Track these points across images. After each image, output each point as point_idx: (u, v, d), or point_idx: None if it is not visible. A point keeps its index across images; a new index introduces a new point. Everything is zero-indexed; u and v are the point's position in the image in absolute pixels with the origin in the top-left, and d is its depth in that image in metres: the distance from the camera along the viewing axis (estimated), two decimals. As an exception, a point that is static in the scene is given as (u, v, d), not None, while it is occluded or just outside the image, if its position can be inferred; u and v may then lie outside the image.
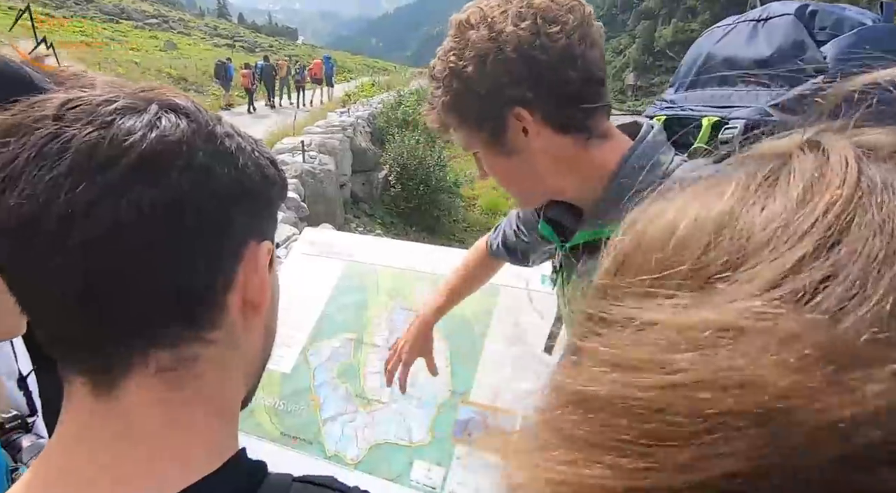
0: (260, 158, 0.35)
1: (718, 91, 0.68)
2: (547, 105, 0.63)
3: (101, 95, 0.31)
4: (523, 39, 0.60)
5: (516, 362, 1.23)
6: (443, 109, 0.67)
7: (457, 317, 1.34)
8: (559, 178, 0.68)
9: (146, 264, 0.29)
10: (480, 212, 11.51)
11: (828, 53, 0.58)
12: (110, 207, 0.27)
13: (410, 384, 1.26)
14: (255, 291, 0.35)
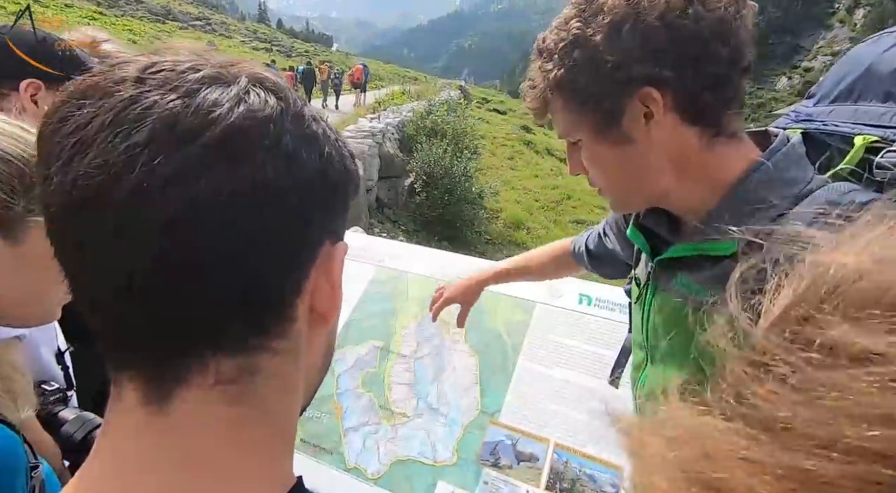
0: (343, 148, 0.31)
1: (879, 107, 0.60)
2: (685, 87, 0.55)
3: (186, 61, 0.28)
4: (673, 5, 0.52)
5: (549, 385, 1.16)
6: (552, 84, 0.60)
7: (489, 330, 1.29)
8: (670, 178, 0.60)
9: (218, 253, 0.25)
10: (503, 225, 11.44)
11: None
12: (188, 186, 0.24)
13: (437, 399, 1.21)
14: (325, 298, 0.31)
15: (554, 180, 14.42)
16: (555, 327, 1.26)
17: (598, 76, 0.56)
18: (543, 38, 0.62)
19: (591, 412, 1.09)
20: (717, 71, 0.54)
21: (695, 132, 0.58)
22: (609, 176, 0.64)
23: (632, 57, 0.54)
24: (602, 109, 0.58)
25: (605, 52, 0.55)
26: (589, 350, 1.19)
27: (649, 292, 0.70)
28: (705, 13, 0.52)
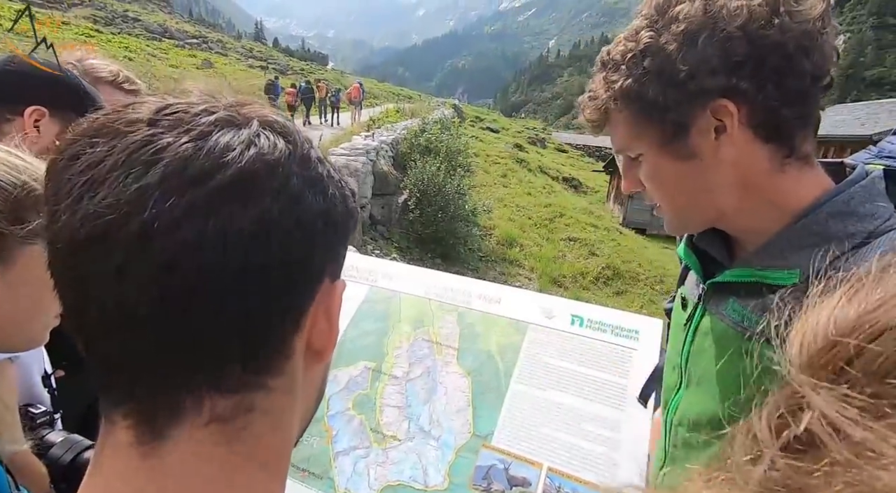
0: (345, 188, 0.32)
1: None
2: (763, 100, 0.51)
3: (198, 103, 0.28)
4: (757, 15, 0.49)
5: (542, 407, 1.16)
6: (617, 94, 0.56)
7: (482, 351, 1.29)
8: (732, 198, 0.57)
9: (221, 290, 0.26)
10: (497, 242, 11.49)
11: None
12: (196, 226, 0.25)
13: (429, 422, 1.20)
14: (322, 335, 0.31)
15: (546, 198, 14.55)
16: (547, 348, 1.26)
17: (669, 86, 0.53)
18: (608, 51, 0.59)
19: (585, 435, 1.09)
20: (799, 86, 0.51)
21: (767, 151, 0.55)
22: (668, 193, 0.61)
23: (707, 67, 0.51)
24: (669, 120, 0.55)
25: (678, 62, 0.52)
26: (581, 372, 1.19)
27: (698, 314, 0.67)
28: (792, 24, 0.50)
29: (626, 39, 0.57)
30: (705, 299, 0.65)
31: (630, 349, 1.15)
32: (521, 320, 1.26)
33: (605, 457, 1.00)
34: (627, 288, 10.58)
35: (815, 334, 0.19)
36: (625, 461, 0.97)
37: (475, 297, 1.36)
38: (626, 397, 1.05)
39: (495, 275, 10.02)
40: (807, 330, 0.20)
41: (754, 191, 0.56)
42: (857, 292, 0.20)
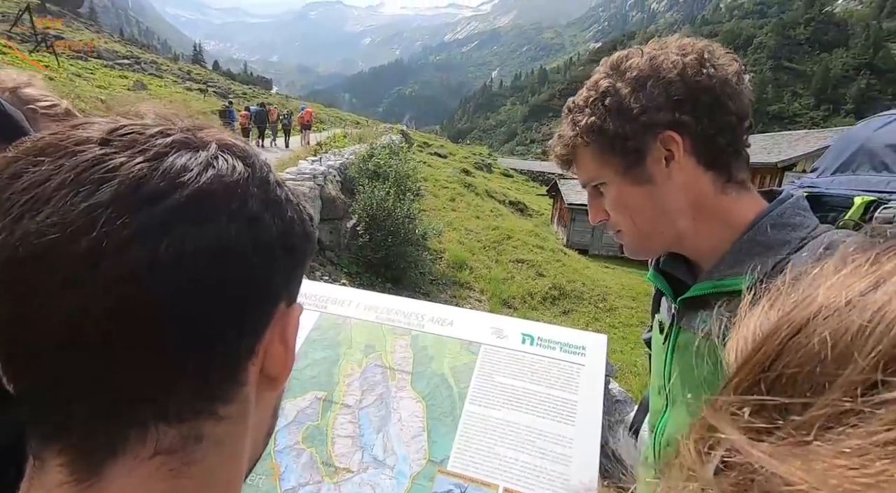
0: (303, 212, 0.32)
1: (874, 176, 0.69)
2: (701, 132, 0.62)
3: (153, 125, 0.28)
4: (689, 65, 0.61)
5: (496, 428, 1.17)
6: (582, 132, 0.66)
7: (435, 375, 1.29)
8: (687, 220, 0.66)
9: (173, 312, 0.24)
10: (447, 265, 11.56)
11: None
12: (149, 246, 0.24)
13: (383, 451, 1.18)
14: (277, 361, 0.30)
15: (494, 221, 14.91)
16: (500, 368, 1.28)
17: (626, 120, 0.63)
18: (573, 99, 0.69)
19: (539, 453, 1.10)
20: (728, 121, 0.62)
21: (710, 177, 0.65)
22: (632, 216, 0.69)
23: (655, 104, 0.62)
24: (628, 148, 0.64)
25: (632, 101, 0.62)
26: (533, 390, 1.21)
27: (674, 334, 0.74)
28: (716, 74, 0.62)
29: (587, 89, 0.67)
30: (678, 318, 0.73)
31: (578, 365, 1.19)
32: (473, 340, 1.27)
33: (557, 473, 1.02)
34: (573, 307, 10.95)
35: (745, 340, 0.21)
36: (576, 476, 0.99)
37: (428, 320, 1.37)
38: (577, 413, 1.08)
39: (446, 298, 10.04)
40: (738, 338, 0.22)
41: (704, 212, 0.66)
42: (776, 299, 0.22)
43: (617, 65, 0.65)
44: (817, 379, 0.17)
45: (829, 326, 0.18)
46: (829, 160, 0.79)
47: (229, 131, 0.31)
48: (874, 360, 0.16)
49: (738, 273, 0.62)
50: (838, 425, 0.16)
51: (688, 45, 0.63)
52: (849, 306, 0.18)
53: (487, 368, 1.22)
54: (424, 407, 1.18)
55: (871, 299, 0.18)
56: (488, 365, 1.23)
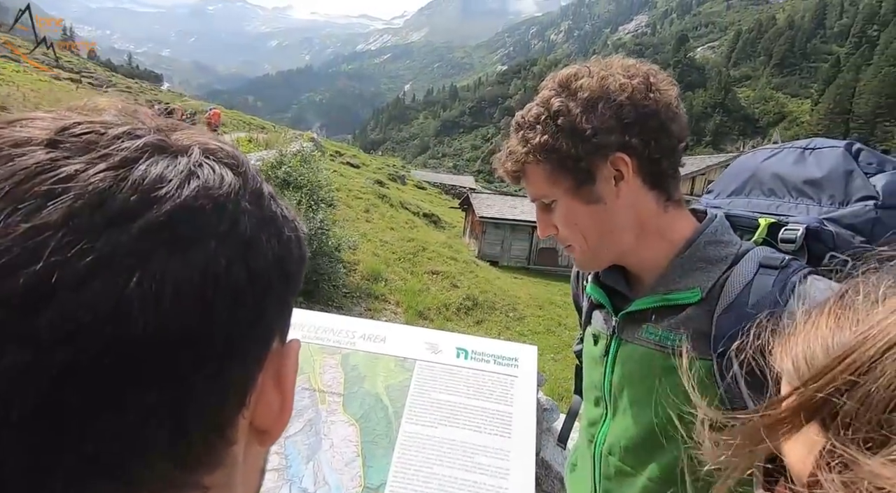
0: (299, 230, 0.28)
1: (764, 200, 0.77)
2: (648, 154, 0.65)
3: (116, 123, 0.22)
4: (637, 89, 0.64)
5: (434, 446, 1.14)
6: (534, 150, 0.66)
7: (369, 395, 1.23)
8: (631, 237, 0.70)
9: (145, 372, 0.19)
10: (361, 277, 11.29)
11: (878, 183, 0.69)
12: (115, 281, 0.18)
13: (314, 482, 1.09)
14: (270, 412, 0.25)
15: (409, 233, 14.94)
16: (435, 384, 1.26)
17: (578, 141, 0.65)
18: (523, 115, 0.69)
19: (477, 468, 1.10)
20: (672, 144, 0.67)
21: (653, 196, 0.69)
22: (581, 234, 0.72)
23: (606, 127, 0.64)
24: (579, 169, 0.66)
25: (584, 122, 0.64)
26: (469, 404, 1.21)
27: (614, 346, 0.75)
28: (661, 98, 0.66)
29: (537, 105, 0.69)
30: (619, 331, 0.76)
31: (512, 377, 1.21)
32: (407, 357, 1.24)
33: (497, 488, 1.02)
34: (486, 317, 11.30)
35: (815, 352, 0.24)
36: (514, 488, 1.00)
37: (359, 337, 1.31)
38: (513, 424, 1.10)
39: (361, 311, 9.78)
40: (802, 348, 0.24)
41: (647, 229, 0.71)
42: (839, 317, 0.25)
43: (567, 84, 0.67)
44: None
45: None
46: (724, 184, 0.90)
47: (211, 132, 0.26)
48: None
49: (688, 286, 0.68)
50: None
51: (632, 67, 0.67)
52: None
53: (423, 384, 1.20)
54: (358, 430, 1.12)
55: None
56: (424, 382, 1.20)
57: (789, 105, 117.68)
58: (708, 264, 0.68)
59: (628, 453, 0.77)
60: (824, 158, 0.75)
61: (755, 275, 0.64)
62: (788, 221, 0.72)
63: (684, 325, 0.66)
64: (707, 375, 0.65)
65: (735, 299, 0.65)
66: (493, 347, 1.25)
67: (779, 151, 0.83)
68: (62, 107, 0.24)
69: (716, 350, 0.64)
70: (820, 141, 0.80)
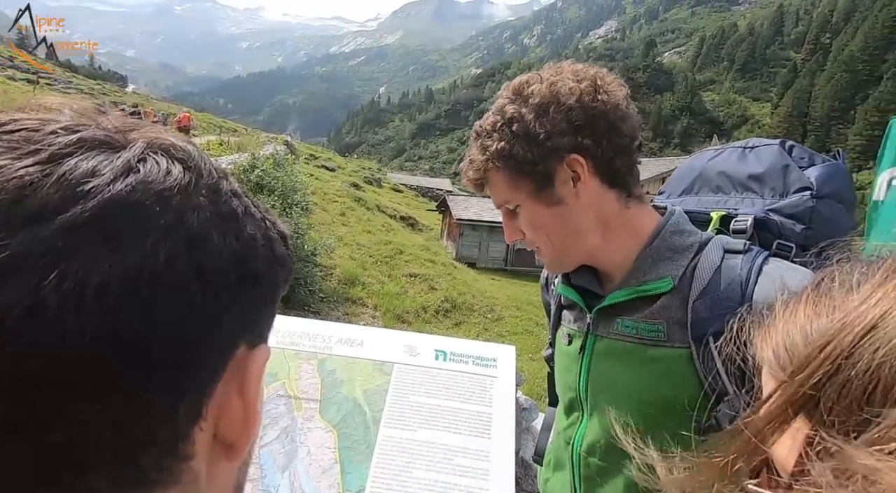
0: (271, 229, 0.26)
1: (712, 197, 0.82)
2: (601, 154, 0.67)
3: (60, 120, 0.21)
4: (585, 92, 0.66)
5: (414, 449, 1.13)
6: (493, 157, 0.68)
7: (347, 400, 1.21)
8: (596, 236, 0.72)
9: (70, 379, 0.17)
10: (338, 281, 11.15)
11: (811, 175, 0.76)
12: (32, 282, 0.17)
13: (290, 491, 1.07)
14: (235, 423, 0.24)
15: (386, 236, 14.84)
16: (414, 387, 1.25)
17: (533, 145, 0.67)
18: (480, 124, 0.72)
19: (457, 470, 1.09)
20: (624, 143, 0.69)
21: (613, 194, 0.71)
22: (547, 235, 0.73)
23: (558, 130, 0.66)
24: (537, 172, 0.68)
25: (537, 126, 0.66)
26: (448, 406, 1.20)
27: (590, 343, 0.78)
28: (609, 99, 0.68)
29: (493, 113, 0.71)
30: (593, 327, 0.77)
31: (491, 377, 1.21)
32: (386, 360, 1.23)
33: (477, 489, 1.02)
34: (464, 318, 11.32)
35: (794, 340, 0.25)
36: (494, 488, 1.00)
37: (336, 341, 1.29)
38: (492, 425, 1.10)
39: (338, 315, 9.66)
40: (783, 337, 0.26)
41: (612, 226, 0.73)
42: (817, 305, 0.26)
43: (519, 91, 0.69)
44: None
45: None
46: (674, 185, 0.94)
47: (175, 132, 0.25)
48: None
49: (659, 276, 0.69)
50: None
51: (581, 71, 0.69)
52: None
53: (402, 388, 1.19)
54: (336, 436, 1.10)
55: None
56: (402, 385, 1.19)
57: (751, 108, 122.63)
58: (675, 254, 0.71)
59: (610, 451, 0.78)
60: (763, 155, 0.81)
61: (722, 260, 0.67)
62: (737, 213, 0.77)
63: (660, 314, 0.68)
64: (686, 362, 0.66)
65: (707, 284, 0.67)
66: (471, 348, 1.25)
67: (722, 151, 0.88)
68: (12, 107, 0.22)
69: (693, 337, 0.65)
70: (756, 140, 0.86)
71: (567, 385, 0.86)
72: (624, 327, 0.74)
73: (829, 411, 0.23)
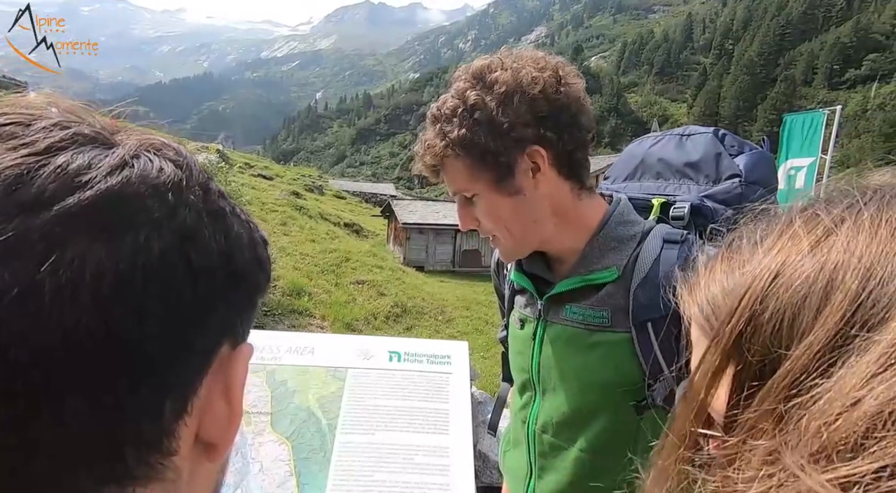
0: (255, 232, 0.26)
1: (654, 183, 0.86)
2: (562, 146, 0.68)
3: (50, 116, 0.21)
4: (549, 83, 0.66)
5: (372, 453, 1.12)
6: (453, 144, 0.66)
7: (300, 410, 1.17)
8: (551, 225, 0.73)
9: (64, 369, 0.17)
10: (282, 293, 10.73)
11: (740, 163, 0.81)
12: (25, 270, 0.16)
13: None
14: (218, 421, 0.24)
15: (331, 244, 14.47)
16: (370, 390, 1.24)
17: (497, 135, 0.66)
18: (438, 107, 0.70)
19: (418, 469, 1.09)
20: (582, 136, 0.71)
21: (568, 185, 0.72)
22: (506, 225, 0.74)
23: (522, 120, 0.66)
24: (499, 163, 0.68)
25: (500, 116, 0.65)
26: (405, 406, 1.20)
27: (540, 328, 0.79)
28: (570, 92, 0.69)
29: (453, 97, 0.70)
30: (544, 313, 0.80)
31: (446, 374, 1.22)
32: (339, 366, 1.20)
33: (438, 485, 1.02)
34: (415, 322, 11.29)
35: (715, 294, 0.29)
36: (456, 483, 1.01)
37: (285, 351, 1.24)
38: (450, 421, 1.11)
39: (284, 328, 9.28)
40: (706, 294, 0.29)
41: (565, 216, 0.76)
42: (730, 261, 0.29)
43: (481, 76, 0.68)
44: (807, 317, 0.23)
45: (805, 268, 0.24)
46: (616, 171, 1.00)
47: (163, 133, 0.25)
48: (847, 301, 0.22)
49: (605, 266, 0.73)
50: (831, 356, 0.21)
51: (541, 59, 0.70)
52: (816, 249, 0.24)
53: (357, 392, 1.17)
54: (290, 448, 1.06)
55: (835, 241, 0.24)
56: (358, 389, 1.17)
57: (670, 109, 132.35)
58: (620, 244, 0.75)
59: (560, 429, 0.81)
60: (698, 143, 0.87)
61: (661, 250, 0.72)
62: (676, 200, 0.82)
63: (605, 302, 0.72)
64: (628, 346, 0.71)
65: (647, 273, 0.71)
66: (425, 347, 1.25)
67: (661, 138, 0.94)
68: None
69: (634, 322, 0.70)
70: (693, 128, 0.92)
71: (521, 367, 0.89)
72: (572, 313, 0.77)
73: (751, 352, 0.25)
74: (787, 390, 0.23)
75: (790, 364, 0.23)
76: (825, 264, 0.24)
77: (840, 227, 0.25)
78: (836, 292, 0.23)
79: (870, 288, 0.22)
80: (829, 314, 0.22)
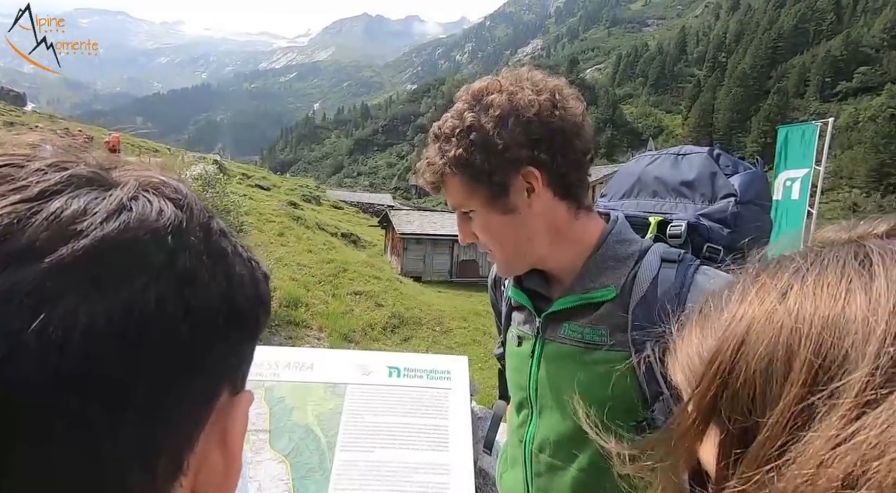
0: (256, 269, 0.26)
1: (650, 201, 0.87)
2: (556, 168, 0.69)
3: (45, 157, 0.20)
4: (544, 106, 0.67)
5: (371, 470, 1.11)
6: (450, 162, 0.68)
7: (299, 427, 1.16)
8: (546, 243, 0.73)
9: (49, 426, 0.16)
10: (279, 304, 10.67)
11: (735, 182, 0.82)
12: (17, 323, 0.16)
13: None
14: (214, 476, 0.23)
15: (328, 254, 14.45)
16: (369, 406, 1.23)
17: (491, 155, 0.68)
18: (439, 126, 0.72)
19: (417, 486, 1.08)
20: (577, 158, 0.72)
21: (564, 205, 0.73)
22: (500, 241, 0.75)
23: (517, 142, 0.68)
24: (493, 182, 0.69)
25: (496, 137, 0.67)
26: (405, 423, 1.19)
27: (538, 346, 0.79)
28: (566, 115, 0.70)
29: (452, 118, 0.72)
30: (542, 331, 0.80)
31: (445, 390, 1.22)
32: (338, 382, 1.19)
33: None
34: (412, 333, 11.23)
35: (692, 360, 0.29)
36: (455, 500, 1.00)
37: (283, 367, 1.24)
38: (450, 438, 1.10)
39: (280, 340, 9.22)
40: (683, 359, 0.30)
41: (561, 235, 0.76)
42: (705, 324, 0.30)
43: (479, 98, 0.70)
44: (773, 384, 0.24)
45: (765, 336, 0.25)
46: (614, 189, 1.01)
47: (161, 169, 0.24)
48: (810, 358, 0.23)
49: (603, 284, 0.74)
50: (802, 420, 0.22)
51: (540, 82, 0.71)
52: (771, 317, 0.25)
53: (356, 409, 1.16)
54: (288, 467, 1.05)
55: (786, 307, 0.25)
56: (357, 406, 1.16)
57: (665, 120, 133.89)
58: (617, 263, 0.76)
59: (558, 448, 0.81)
60: (693, 163, 0.89)
61: (659, 269, 0.72)
62: (672, 218, 0.84)
63: (603, 320, 0.73)
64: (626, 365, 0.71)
65: (645, 292, 0.72)
66: (424, 362, 1.25)
67: (657, 157, 0.96)
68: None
69: (633, 341, 0.70)
70: (689, 147, 0.94)
71: (518, 385, 0.89)
72: (570, 331, 0.78)
73: (730, 420, 0.26)
74: (766, 456, 0.24)
75: (767, 431, 0.24)
76: (782, 331, 0.25)
77: (790, 293, 0.26)
78: (796, 360, 0.24)
79: (823, 354, 0.23)
80: (792, 381, 0.24)
